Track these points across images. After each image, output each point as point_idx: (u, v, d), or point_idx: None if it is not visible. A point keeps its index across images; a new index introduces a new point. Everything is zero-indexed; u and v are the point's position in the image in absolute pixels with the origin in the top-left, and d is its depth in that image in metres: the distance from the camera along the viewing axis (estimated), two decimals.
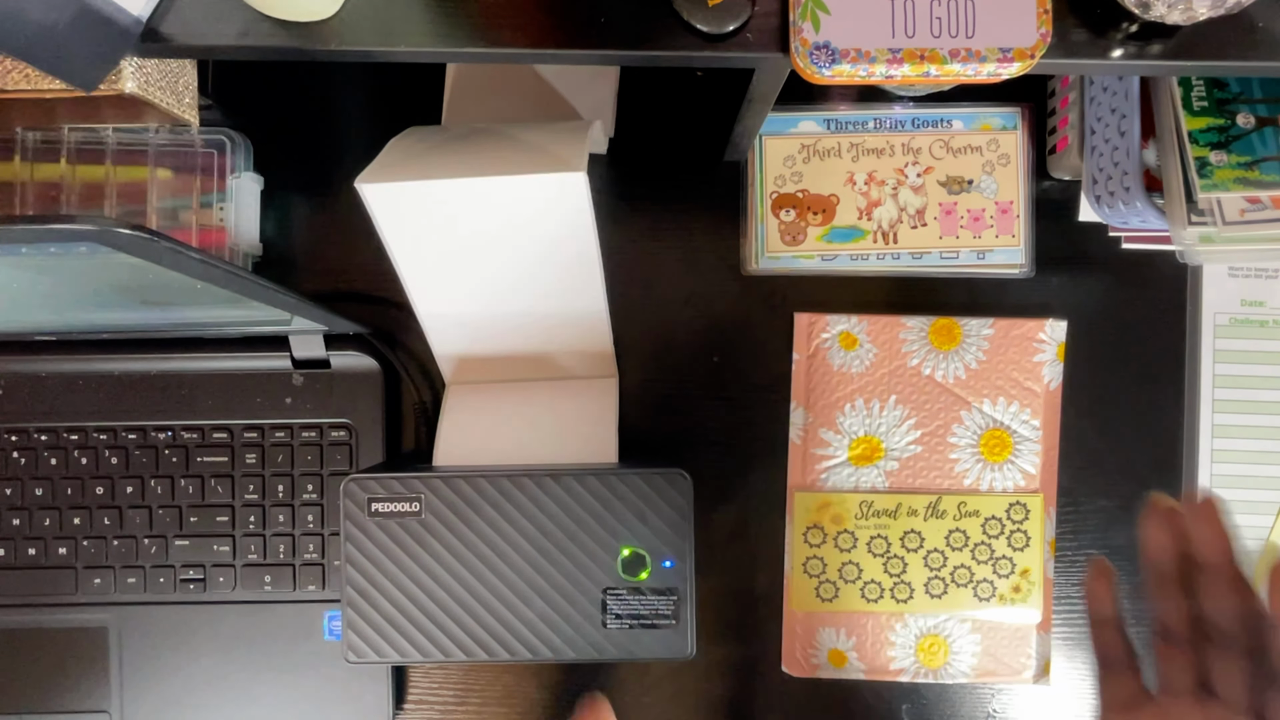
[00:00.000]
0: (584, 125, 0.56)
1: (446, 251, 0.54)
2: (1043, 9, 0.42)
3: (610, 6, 0.44)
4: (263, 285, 0.47)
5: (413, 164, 0.52)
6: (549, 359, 0.61)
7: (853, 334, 0.63)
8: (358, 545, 0.52)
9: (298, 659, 0.60)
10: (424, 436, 0.63)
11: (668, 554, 0.52)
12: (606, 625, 0.52)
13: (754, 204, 0.64)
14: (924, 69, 0.42)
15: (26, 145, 0.60)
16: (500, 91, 0.63)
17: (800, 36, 0.42)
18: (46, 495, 0.61)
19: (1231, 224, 0.53)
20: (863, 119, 0.64)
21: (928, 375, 0.63)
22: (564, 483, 0.53)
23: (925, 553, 0.62)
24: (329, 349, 0.61)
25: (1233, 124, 0.54)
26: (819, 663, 0.62)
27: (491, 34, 0.44)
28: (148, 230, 0.37)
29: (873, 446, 0.63)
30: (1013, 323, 0.63)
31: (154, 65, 0.50)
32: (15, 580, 0.61)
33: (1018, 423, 0.62)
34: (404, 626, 0.52)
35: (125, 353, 0.62)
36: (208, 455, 0.61)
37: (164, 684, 0.60)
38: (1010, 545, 0.61)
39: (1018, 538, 0.61)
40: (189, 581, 0.61)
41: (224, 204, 0.61)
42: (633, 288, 0.64)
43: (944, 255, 0.63)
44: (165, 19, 0.44)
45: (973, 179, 0.63)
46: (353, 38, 0.44)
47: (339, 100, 0.65)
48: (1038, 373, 0.62)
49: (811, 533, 0.62)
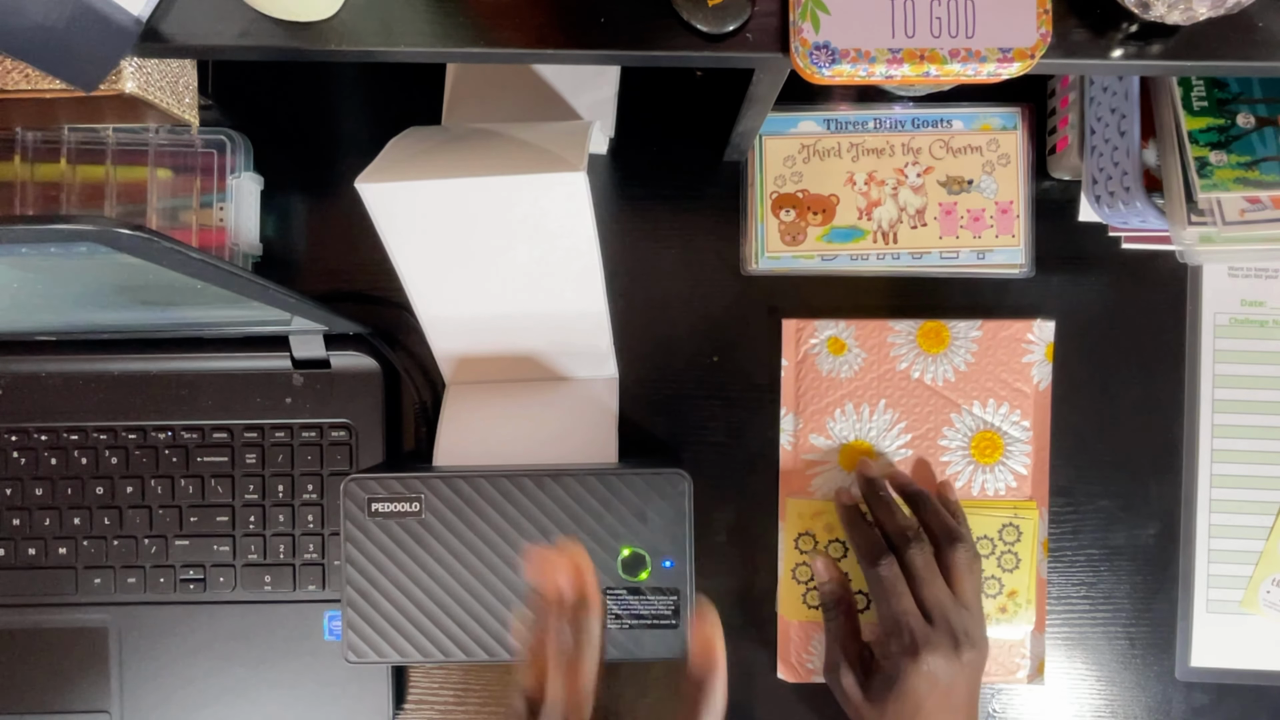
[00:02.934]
0: (584, 125, 0.56)
1: (446, 251, 0.54)
2: (1043, 9, 0.42)
3: (610, 6, 0.44)
4: (263, 285, 0.47)
5: (413, 164, 0.52)
6: (549, 359, 0.61)
7: (841, 339, 0.63)
8: (358, 545, 0.52)
9: (298, 659, 0.60)
10: (424, 436, 0.63)
11: (667, 554, 0.53)
12: (606, 625, 0.52)
13: (754, 204, 0.64)
14: (924, 69, 0.42)
15: (26, 145, 0.60)
16: (500, 91, 0.63)
17: (800, 36, 0.42)
18: (46, 495, 0.61)
19: (1231, 224, 0.53)
20: (863, 119, 0.64)
21: (917, 378, 0.63)
22: (564, 483, 0.53)
23: None
24: (329, 349, 0.61)
25: (1233, 124, 0.54)
26: (814, 668, 0.62)
27: (491, 34, 0.44)
28: (148, 230, 0.37)
29: (864, 451, 0.63)
30: (1000, 324, 0.62)
31: (154, 65, 0.51)
32: (15, 580, 0.61)
33: (1008, 424, 0.62)
34: (404, 626, 0.52)
35: (125, 353, 0.62)
36: (208, 455, 0.61)
37: (164, 684, 0.60)
38: (1000, 566, 0.61)
39: (1008, 559, 0.61)
40: (189, 581, 0.61)
41: (224, 204, 0.61)
42: (633, 288, 0.64)
43: (944, 255, 0.63)
44: (165, 19, 0.44)
45: (973, 179, 0.63)
46: (353, 38, 0.44)
47: (339, 100, 0.65)
48: (1027, 373, 0.62)
49: (802, 540, 0.62)
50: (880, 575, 0.55)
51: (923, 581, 0.54)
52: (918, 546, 0.55)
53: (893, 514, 0.57)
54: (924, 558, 0.55)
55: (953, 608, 0.54)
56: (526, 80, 0.62)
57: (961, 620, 0.53)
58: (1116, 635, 0.63)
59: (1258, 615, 0.62)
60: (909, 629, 0.53)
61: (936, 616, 0.53)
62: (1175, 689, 0.63)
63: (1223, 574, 0.62)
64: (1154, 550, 0.63)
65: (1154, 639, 0.63)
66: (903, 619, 0.53)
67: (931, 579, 0.54)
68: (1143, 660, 0.63)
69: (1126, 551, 0.63)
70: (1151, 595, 0.63)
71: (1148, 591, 0.63)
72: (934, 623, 0.53)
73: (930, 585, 0.54)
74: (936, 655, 0.52)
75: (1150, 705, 0.63)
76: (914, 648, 0.52)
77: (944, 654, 0.52)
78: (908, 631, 0.53)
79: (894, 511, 0.58)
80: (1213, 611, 0.62)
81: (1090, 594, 0.63)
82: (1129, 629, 0.63)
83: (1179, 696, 0.63)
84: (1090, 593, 0.63)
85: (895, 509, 0.58)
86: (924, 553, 0.55)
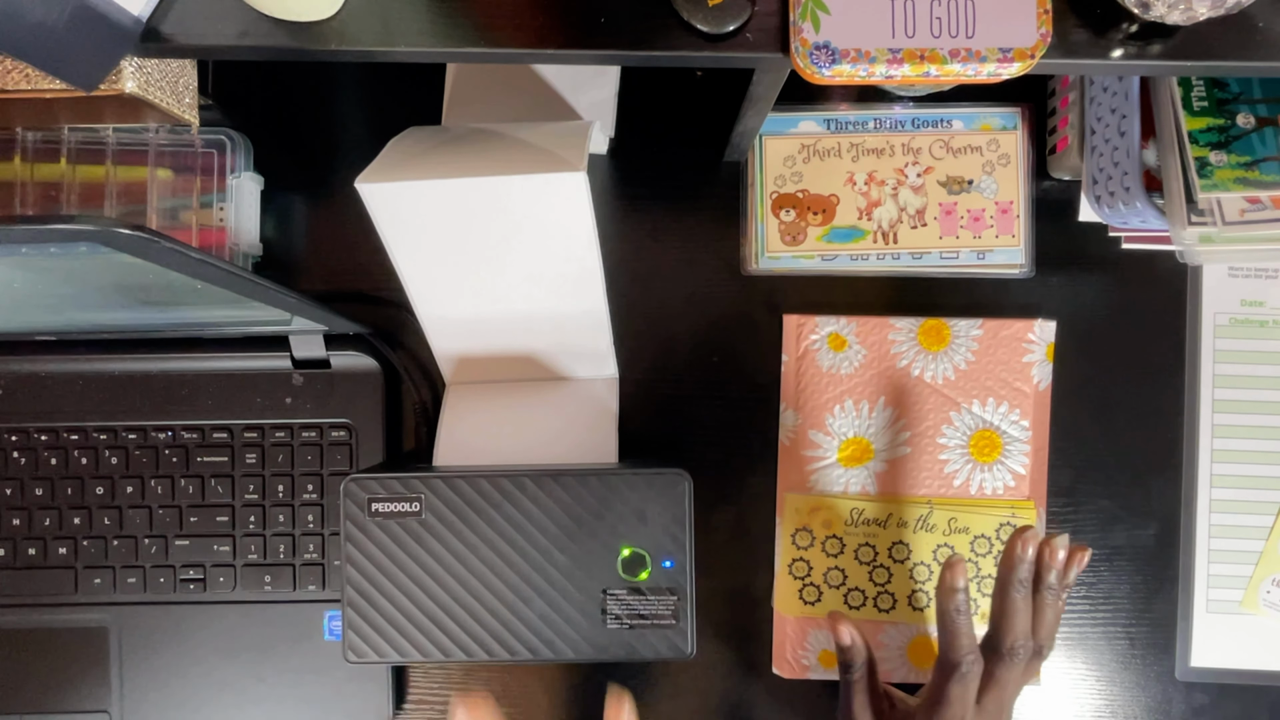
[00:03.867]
0: (584, 125, 0.55)
1: (446, 251, 0.54)
2: (1043, 9, 0.42)
3: (610, 6, 0.44)
4: (263, 285, 0.47)
5: (413, 164, 0.52)
6: (549, 359, 0.61)
7: (842, 335, 0.63)
8: (358, 545, 0.52)
9: (298, 659, 0.60)
10: (424, 436, 0.63)
11: (668, 554, 0.52)
12: (606, 625, 0.52)
13: (754, 204, 0.64)
14: (924, 69, 0.42)
15: (26, 145, 0.60)
16: (500, 91, 0.63)
17: (800, 36, 0.42)
18: (46, 495, 0.61)
19: (1231, 224, 0.53)
20: (863, 119, 0.64)
21: (917, 376, 0.63)
22: (564, 483, 0.53)
23: (912, 565, 0.62)
24: (329, 349, 0.61)
25: (1233, 124, 0.54)
26: (810, 664, 0.62)
27: (491, 34, 0.44)
28: (148, 230, 0.37)
29: (862, 448, 0.63)
30: (1001, 323, 0.62)
31: (154, 65, 0.50)
32: (15, 580, 0.61)
33: (1007, 423, 0.62)
34: (404, 626, 0.52)
35: (125, 353, 0.62)
36: (208, 455, 0.61)
37: (164, 684, 0.60)
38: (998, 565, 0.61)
39: None
40: (189, 581, 0.61)
41: (224, 204, 0.61)
42: (633, 288, 0.64)
43: (944, 255, 0.63)
44: (165, 19, 0.44)
45: (973, 179, 0.63)
46: (353, 38, 0.44)
47: (339, 100, 0.65)
48: (1027, 373, 0.62)
49: (800, 535, 0.62)
50: (962, 678, 0.50)
51: (999, 687, 0.51)
52: (1020, 660, 0.51)
53: (1015, 621, 0.51)
54: (1017, 670, 0.51)
55: (1007, 702, 0.52)
56: (526, 80, 0.62)
57: (1009, 708, 0.52)
58: (1116, 635, 0.63)
59: (1258, 615, 0.62)
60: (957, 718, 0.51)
61: (990, 709, 0.51)
62: (1175, 689, 0.63)
63: (1223, 574, 0.62)
64: (1154, 550, 0.63)
65: (1154, 639, 0.63)
66: (957, 715, 0.51)
67: (1008, 685, 0.51)
68: (1143, 660, 0.63)
69: (1126, 551, 0.63)
70: (1151, 595, 0.63)
71: (1148, 591, 0.63)
72: (984, 712, 0.51)
73: (1004, 691, 0.51)
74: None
75: (1150, 705, 0.63)
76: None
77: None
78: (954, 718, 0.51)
79: (1019, 619, 0.51)
80: (1213, 611, 0.62)
81: (1090, 594, 0.63)
82: (1129, 629, 0.63)
83: (1179, 696, 0.63)
84: (1090, 593, 0.63)
85: (1023, 615, 0.51)
86: (1021, 665, 0.51)
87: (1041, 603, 0.52)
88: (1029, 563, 0.51)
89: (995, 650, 0.51)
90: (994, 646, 0.52)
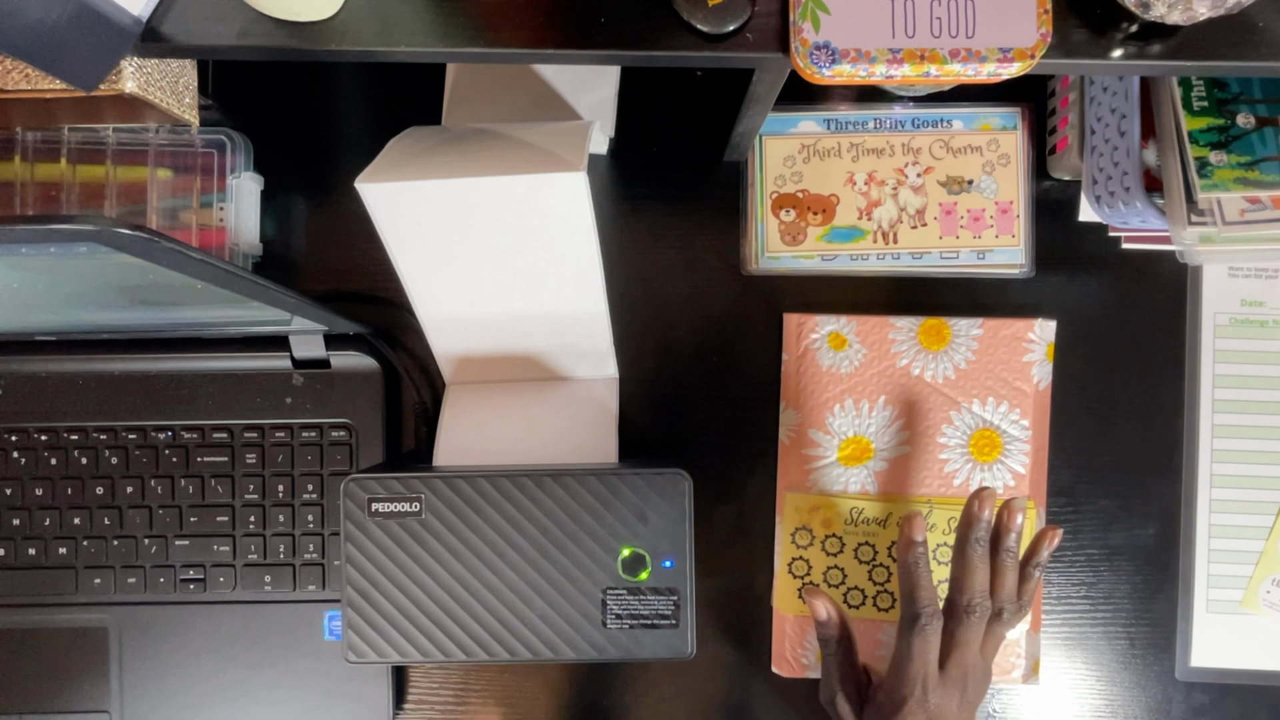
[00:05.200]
0: (584, 125, 0.56)
1: (446, 251, 0.54)
2: (1043, 9, 0.42)
3: (610, 6, 0.44)
4: (263, 285, 0.47)
5: (413, 164, 0.52)
6: (549, 359, 0.61)
7: (842, 334, 0.63)
8: (358, 545, 0.52)
9: (298, 659, 0.60)
10: (424, 436, 0.63)
11: (668, 554, 0.52)
12: (606, 625, 0.52)
13: (754, 204, 0.64)
14: (924, 69, 0.42)
15: (26, 145, 0.60)
16: (500, 91, 0.63)
17: (800, 36, 0.42)
18: (46, 495, 0.61)
19: (1231, 224, 0.53)
20: (863, 119, 0.64)
21: (917, 375, 0.63)
22: (564, 483, 0.53)
23: None
24: (329, 349, 0.61)
25: (1233, 124, 0.54)
26: (809, 663, 0.62)
27: (491, 34, 0.44)
28: (148, 230, 0.37)
29: (862, 447, 0.63)
30: (1001, 323, 0.62)
31: (154, 65, 0.51)
32: (15, 580, 0.61)
33: (1007, 423, 0.62)
34: (404, 626, 0.52)
35: (125, 353, 0.62)
36: (208, 455, 0.61)
37: (164, 684, 0.60)
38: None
39: None
40: (189, 581, 0.61)
41: (224, 204, 0.61)
42: (633, 288, 0.64)
43: (944, 255, 0.63)
44: (165, 19, 0.44)
45: (973, 179, 0.63)
46: (353, 38, 0.44)
47: (339, 100, 0.65)
48: (1027, 373, 0.62)
49: (799, 534, 0.62)
50: (921, 630, 0.51)
51: (959, 647, 0.51)
52: (976, 618, 0.51)
53: (972, 579, 0.51)
54: (976, 630, 0.51)
55: (972, 667, 0.51)
56: (526, 80, 0.62)
57: (976, 675, 0.52)
58: (1116, 635, 0.63)
59: (1258, 615, 0.62)
60: (921, 683, 0.50)
61: (954, 674, 0.51)
62: (1175, 689, 0.63)
63: (1223, 574, 0.62)
64: (1154, 550, 0.63)
65: (1154, 639, 0.63)
66: (918, 672, 0.51)
67: (968, 646, 0.51)
68: (1143, 660, 0.63)
69: (1126, 551, 0.63)
70: (1151, 595, 0.63)
71: (1147, 591, 0.63)
72: (948, 677, 0.51)
73: (964, 651, 0.51)
74: (942, 702, 0.50)
75: (1150, 705, 0.63)
76: (922, 699, 0.50)
77: (948, 700, 0.51)
78: (919, 684, 0.50)
79: (976, 576, 0.52)
80: (1213, 611, 0.62)
81: (1090, 594, 0.63)
82: (1129, 629, 0.63)
83: (1179, 696, 0.63)
84: (1090, 593, 0.63)
85: (980, 572, 0.52)
86: (979, 624, 0.51)
87: (1001, 564, 0.52)
88: (986, 522, 0.52)
89: (953, 607, 0.52)
90: (951, 604, 0.52)
